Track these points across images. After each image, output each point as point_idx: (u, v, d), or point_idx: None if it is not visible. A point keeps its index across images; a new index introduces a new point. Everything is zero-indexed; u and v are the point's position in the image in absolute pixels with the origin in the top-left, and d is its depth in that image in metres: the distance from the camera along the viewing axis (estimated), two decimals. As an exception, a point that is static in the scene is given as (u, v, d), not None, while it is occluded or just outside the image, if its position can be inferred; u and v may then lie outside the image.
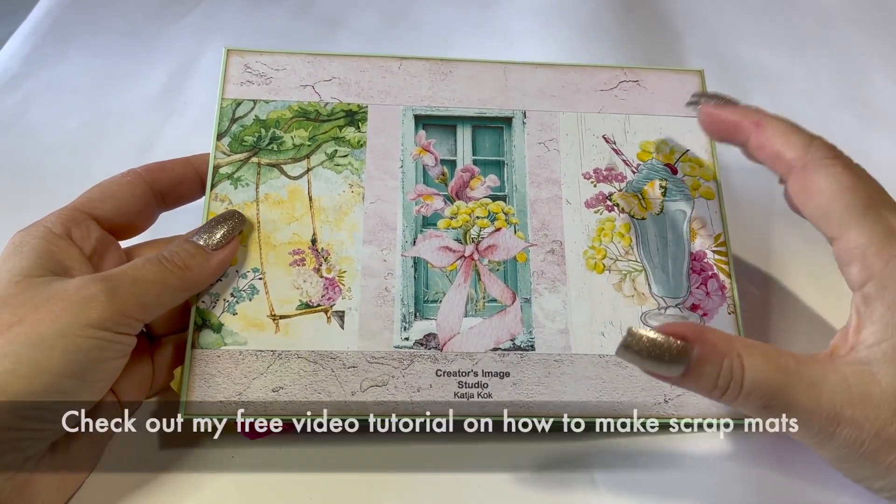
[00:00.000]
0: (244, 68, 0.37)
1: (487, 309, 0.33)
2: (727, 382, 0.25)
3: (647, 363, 0.25)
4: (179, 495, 0.30)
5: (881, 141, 0.48)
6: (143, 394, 0.31)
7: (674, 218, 0.35)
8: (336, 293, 0.33)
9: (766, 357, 0.25)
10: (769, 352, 0.25)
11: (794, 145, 0.27)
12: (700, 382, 0.25)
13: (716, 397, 0.25)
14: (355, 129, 0.36)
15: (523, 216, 0.35)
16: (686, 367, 0.25)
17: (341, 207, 0.34)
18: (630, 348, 0.25)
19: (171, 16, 0.57)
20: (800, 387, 0.24)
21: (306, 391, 0.31)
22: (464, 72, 0.37)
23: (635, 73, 0.38)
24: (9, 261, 0.28)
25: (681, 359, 0.25)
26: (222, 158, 0.35)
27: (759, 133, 0.28)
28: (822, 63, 0.54)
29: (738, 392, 0.25)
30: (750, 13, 0.58)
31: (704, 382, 0.25)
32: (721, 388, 0.25)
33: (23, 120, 0.49)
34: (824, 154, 0.27)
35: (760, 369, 0.24)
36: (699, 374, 0.25)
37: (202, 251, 0.31)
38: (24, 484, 0.26)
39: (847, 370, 0.25)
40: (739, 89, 0.51)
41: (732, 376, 0.25)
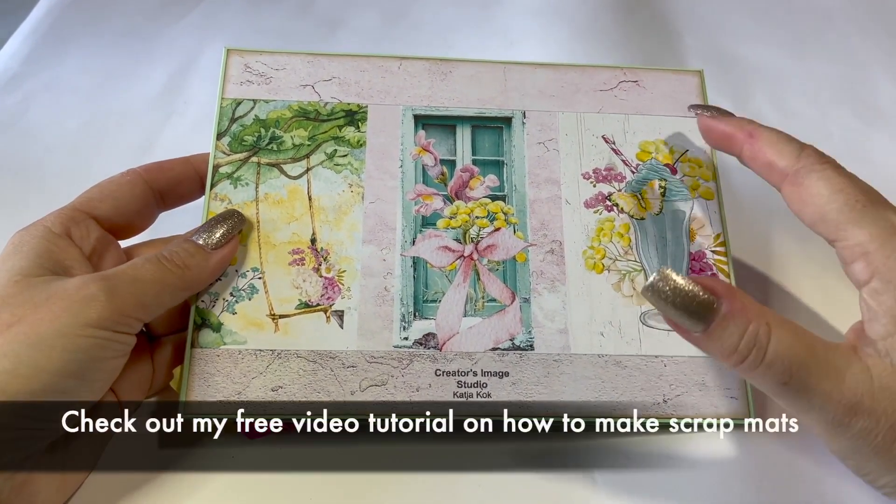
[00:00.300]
0: (244, 68, 0.37)
1: (487, 309, 0.33)
2: (749, 348, 0.24)
3: (671, 309, 0.24)
4: (179, 495, 0.30)
5: (881, 141, 0.48)
6: (143, 393, 0.32)
7: (673, 218, 0.35)
8: (335, 293, 0.33)
9: (795, 333, 0.25)
10: (798, 329, 0.25)
11: (785, 154, 0.28)
12: (722, 342, 0.24)
13: (735, 363, 0.25)
14: (355, 129, 0.36)
15: (523, 216, 0.35)
16: (710, 323, 0.24)
17: (341, 207, 0.34)
18: (657, 290, 0.24)
19: (171, 16, 0.57)
20: (823, 370, 0.24)
21: (305, 391, 0.31)
22: (463, 72, 0.37)
23: (635, 74, 0.38)
24: (8, 260, 0.28)
25: (706, 312, 0.24)
26: (222, 158, 0.35)
27: (751, 144, 0.29)
28: (822, 63, 0.54)
29: (760, 361, 0.24)
30: (750, 13, 0.58)
31: (726, 343, 0.24)
32: (742, 353, 0.24)
33: (23, 120, 0.49)
34: (815, 160, 0.27)
35: (787, 343, 0.24)
36: (722, 332, 0.24)
37: (202, 250, 0.31)
38: (23, 483, 0.26)
39: (869, 361, 0.25)
40: (739, 89, 0.52)
41: (756, 343, 0.24)
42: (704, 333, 0.25)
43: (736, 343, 0.24)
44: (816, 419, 0.25)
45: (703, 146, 0.37)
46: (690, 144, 0.37)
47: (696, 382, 0.32)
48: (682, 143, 0.37)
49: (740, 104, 0.50)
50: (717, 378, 0.32)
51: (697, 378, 0.32)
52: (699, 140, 0.37)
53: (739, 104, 0.50)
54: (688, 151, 0.37)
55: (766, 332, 0.24)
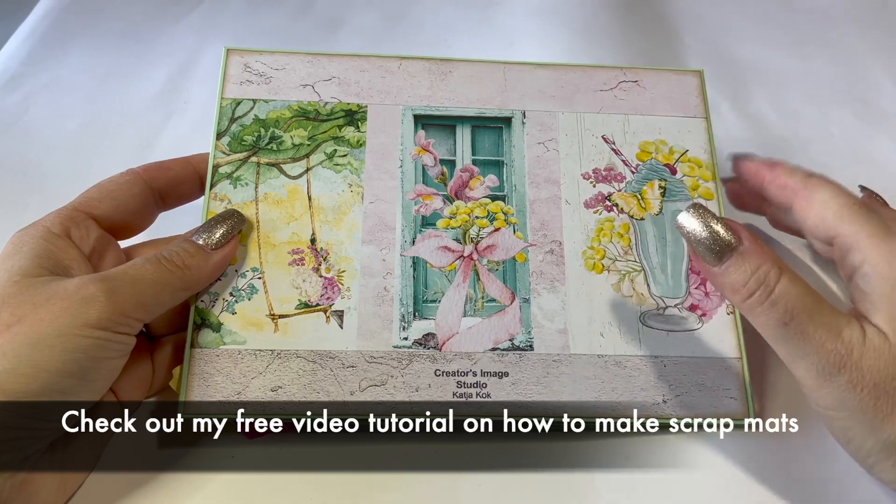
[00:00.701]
0: (244, 68, 0.37)
1: (486, 309, 0.33)
2: (758, 285, 0.27)
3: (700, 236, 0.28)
4: (179, 495, 0.30)
5: (881, 141, 0.48)
6: (143, 393, 0.32)
7: (673, 218, 0.35)
8: (335, 293, 0.33)
9: (804, 285, 0.27)
10: (808, 285, 0.27)
11: (798, 176, 0.32)
12: (736, 275, 0.27)
13: (742, 298, 0.27)
14: (355, 129, 0.36)
15: (522, 216, 0.35)
16: (727, 259, 0.27)
17: (340, 207, 0.34)
18: (697, 212, 0.28)
19: (171, 16, 0.57)
20: (823, 321, 0.26)
21: (305, 391, 0.31)
22: (463, 72, 0.37)
23: (635, 74, 0.38)
24: (8, 260, 0.28)
25: (726, 249, 0.28)
26: (222, 158, 0.35)
27: (772, 172, 0.33)
28: (822, 63, 0.54)
29: (765, 299, 0.27)
30: (750, 13, 0.58)
31: (738, 278, 0.27)
32: (750, 288, 0.27)
33: (23, 120, 0.49)
34: (822, 180, 0.31)
35: (794, 289, 0.27)
36: (738, 266, 0.27)
37: (202, 251, 0.31)
38: (23, 483, 0.26)
39: (866, 326, 0.27)
40: (739, 89, 0.52)
41: (765, 281, 0.27)
42: (720, 269, 0.28)
43: (746, 279, 0.27)
44: (807, 367, 0.27)
45: (703, 146, 0.37)
46: (690, 144, 0.37)
47: (696, 383, 0.32)
48: (681, 144, 0.37)
49: (740, 104, 0.50)
50: (717, 379, 0.32)
51: (697, 379, 0.32)
52: (699, 140, 0.37)
53: (739, 104, 0.50)
54: (687, 152, 0.37)
55: (777, 274, 0.27)
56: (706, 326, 0.33)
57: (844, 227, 0.29)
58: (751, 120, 0.50)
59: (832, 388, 0.26)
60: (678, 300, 0.34)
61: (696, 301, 0.34)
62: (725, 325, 0.33)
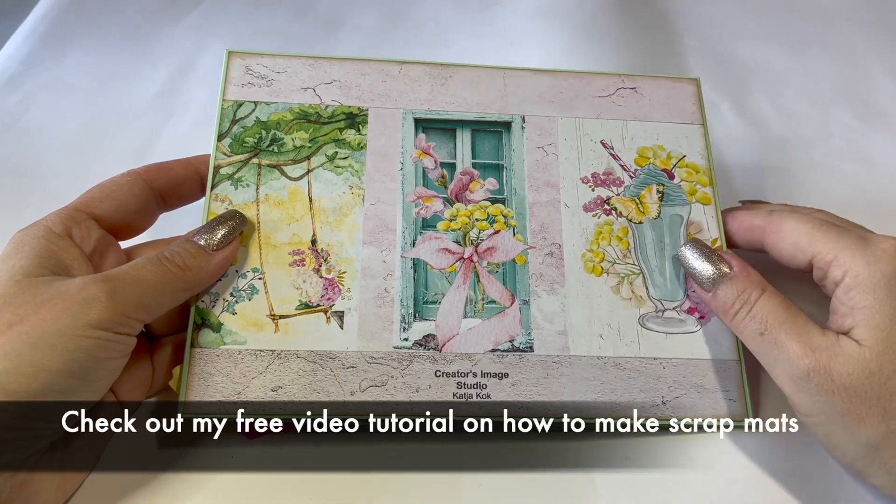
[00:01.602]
0: (245, 70, 0.37)
1: (486, 310, 0.33)
2: (740, 305, 0.30)
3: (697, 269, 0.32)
4: (179, 495, 0.30)
5: (881, 141, 0.48)
6: (143, 394, 0.32)
7: (671, 222, 0.35)
8: (336, 293, 0.33)
9: (783, 302, 0.30)
10: (788, 303, 0.30)
11: (760, 214, 0.34)
12: (725, 297, 0.31)
13: (730, 317, 0.31)
14: (356, 132, 0.36)
15: (522, 219, 0.35)
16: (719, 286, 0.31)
17: (341, 209, 0.34)
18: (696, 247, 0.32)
19: (171, 16, 0.57)
20: (796, 333, 0.28)
21: (305, 391, 0.31)
22: (463, 77, 0.37)
23: (633, 80, 0.38)
24: (9, 260, 0.28)
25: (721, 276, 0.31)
26: (223, 159, 0.35)
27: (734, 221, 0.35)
28: (822, 63, 0.54)
29: (746, 314, 0.30)
30: (750, 13, 0.58)
31: (728, 298, 0.30)
32: (735, 308, 0.30)
33: (23, 120, 0.49)
34: (784, 211, 0.33)
35: (771, 304, 0.29)
36: (726, 290, 0.31)
37: (203, 251, 0.31)
38: (23, 483, 0.26)
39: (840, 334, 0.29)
40: (739, 89, 0.52)
41: (747, 301, 0.30)
42: (715, 287, 0.31)
43: (733, 300, 0.30)
44: (781, 373, 0.29)
45: (701, 151, 0.37)
46: (687, 150, 0.37)
47: (695, 385, 0.32)
48: (679, 149, 0.37)
49: (740, 104, 0.51)
50: (715, 380, 0.32)
51: (695, 380, 0.32)
52: (696, 146, 0.37)
53: (739, 104, 0.51)
54: (685, 157, 0.37)
55: (758, 294, 0.30)
56: (704, 329, 0.34)
57: (820, 245, 0.30)
58: (751, 120, 0.50)
59: (806, 394, 0.28)
60: (677, 303, 0.34)
61: (695, 304, 0.34)
62: (723, 327, 0.33)
